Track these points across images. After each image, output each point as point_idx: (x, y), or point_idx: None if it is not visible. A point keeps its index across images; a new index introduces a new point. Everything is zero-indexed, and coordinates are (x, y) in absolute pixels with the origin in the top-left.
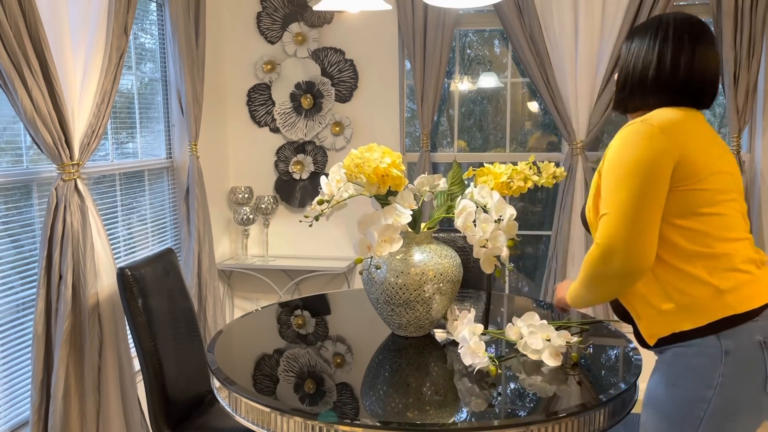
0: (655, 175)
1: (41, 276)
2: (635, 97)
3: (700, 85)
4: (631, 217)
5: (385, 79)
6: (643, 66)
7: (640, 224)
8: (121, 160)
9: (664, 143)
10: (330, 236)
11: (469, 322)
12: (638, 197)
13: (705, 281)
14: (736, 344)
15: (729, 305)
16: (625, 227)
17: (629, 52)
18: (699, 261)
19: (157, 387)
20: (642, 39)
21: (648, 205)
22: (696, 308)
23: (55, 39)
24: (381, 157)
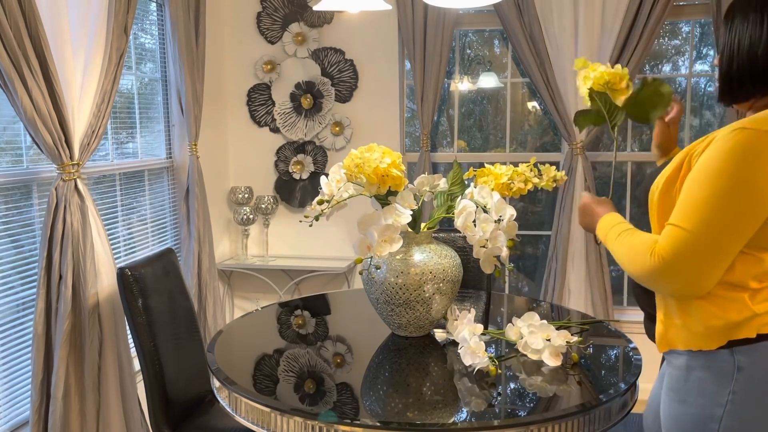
0: (756, 198)
1: (41, 276)
2: (744, 84)
3: None
4: (711, 244)
5: (385, 79)
6: (751, 44)
7: (717, 256)
8: (121, 160)
9: None
10: (330, 236)
11: (469, 322)
12: (728, 226)
13: (745, 305)
14: (750, 361)
15: (755, 327)
16: (700, 254)
17: (732, 31)
18: (745, 293)
19: (157, 387)
20: (746, 13)
21: (735, 238)
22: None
23: (55, 39)
24: (381, 157)
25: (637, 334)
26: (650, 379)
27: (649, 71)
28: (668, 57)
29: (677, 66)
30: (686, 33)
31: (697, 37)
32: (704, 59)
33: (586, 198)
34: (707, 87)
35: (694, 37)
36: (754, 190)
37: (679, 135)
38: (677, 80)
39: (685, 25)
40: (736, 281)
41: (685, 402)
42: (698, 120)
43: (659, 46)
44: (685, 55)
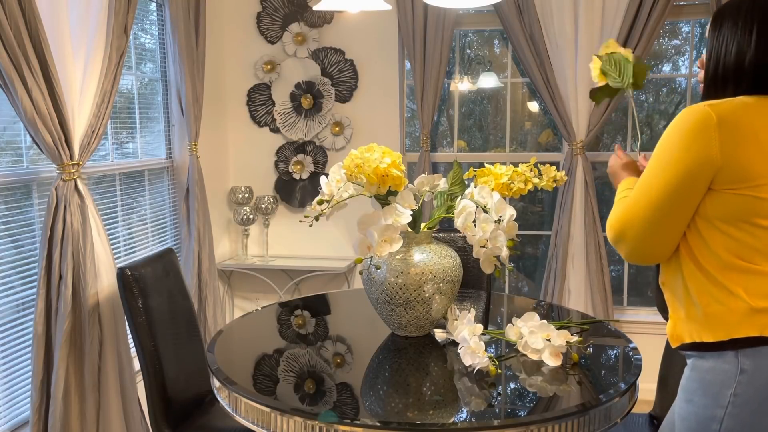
0: (690, 174)
1: (41, 276)
2: (728, 86)
3: None
4: (651, 213)
5: (385, 79)
6: (739, 51)
7: (658, 223)
8: (121, 160)
9: (713, 138)
10: (330, 236)
11: (469, 322)
12: (666, 194)
13: (739, 296)
14: (754, 364)
15: (758, 326)
16: (641, 223)
17: (719, 36)
18: (738, 276)
19: (157, 387)
20: (734, 19)
21: (673, 205)
22: (723, 322)
23: (55, 39)
24: (381, 157)
25: (637, 334)
26: (650, 379)
27: (648, 71)
28: (668, 57)
29: (677, 66)
30: (686, 33)
31: (697, 37)
32: None
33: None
34: None
35: (694, 37)
36: (680, 160)
37: None
38: (677, 80)
39: (685, 25)
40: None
41: (692, 401)
42: None
43: (659, 46)
44: (685, 55)
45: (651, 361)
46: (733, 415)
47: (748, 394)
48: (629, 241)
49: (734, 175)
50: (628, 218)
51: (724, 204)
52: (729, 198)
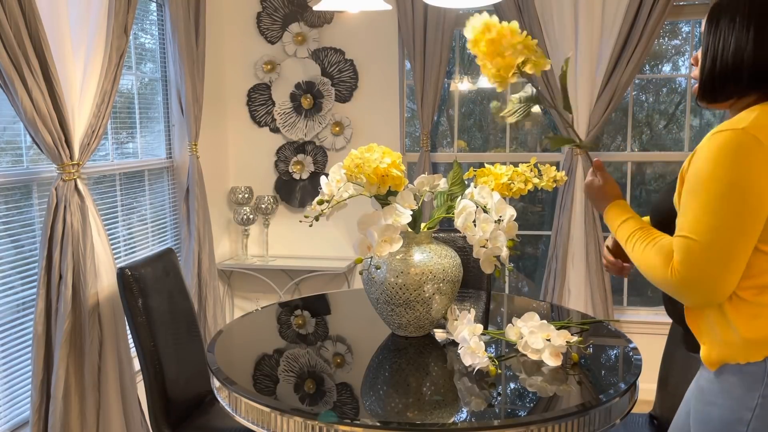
0: (755, 199)
1: (41, 276)
2: (727, 86)
3: None
4: (720, 249)
5: (385, 79)
6: (736, 48)
7: (731, 258)
8: (121, 160)
9: (764, 158)
10: (330, 236)
11: (469, 322)
12: (733, 226)
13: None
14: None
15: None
16: (713, 262)
17: (717, 32)
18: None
19: (157, 387)
20: (733, 16)
21: (743, 235)
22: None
23: (55, 39)
24: (381, 157)
25: (637, 334)
26: (650, 379)
27: (649, 71)
28: (668, 57)
29: (677, 66)
30: (686, 33)
31: (697, 37)
32: None
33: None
34: None
35: (694, 37)
36: (747, 187)
37: (680, 135)
38: (677, 80)
39: (685, 25)
40: (763, 283)
41: (715, 404)
42: (698, 120)
43: (659, 46)
44: (685, 55)
45: (651, 361)
46: (760, 417)
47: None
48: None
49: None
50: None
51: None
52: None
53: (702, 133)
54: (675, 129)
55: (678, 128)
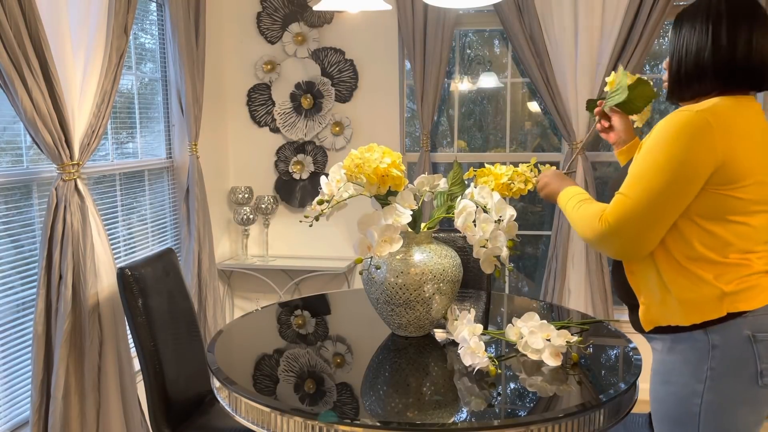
0: (688, 177)
1: (41, 276)
2: (692, 84)
3: (760, 66)
4: (649, 209)
5: (385, 79)
6: (698, 49)
7: (653, 221)
8: (121, 160)
9: (714, 142)
10: (330, 236)
11: (469, 322)
12: (662, 194)
13: (710, 283)
14: (723, 338)
15: (726, 306)
16: (638, 220)
17: (680, 37)
18: (708, 266)
19: (157, 387)
20: (693, 21)
21: (669, 205)
22: (696, 307)
23: (55, 39)
24: (381, 157)
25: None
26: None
27: (649, 71)
28: None
29: None
30: None
31: None
32: None
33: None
34: None
35: None
36: (685, 162)
37: None
38: None
39: None
40: (697, 255)
41: (669, 382)
42: None
43: (659, 46)
44: None
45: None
46: (711, 388)
47: (722, 367)
48: (626, 235)
49: (726, 176)
50: (627, 213)
51: (708, 202)
52: (712, 197)
53: None
54: None
55: None
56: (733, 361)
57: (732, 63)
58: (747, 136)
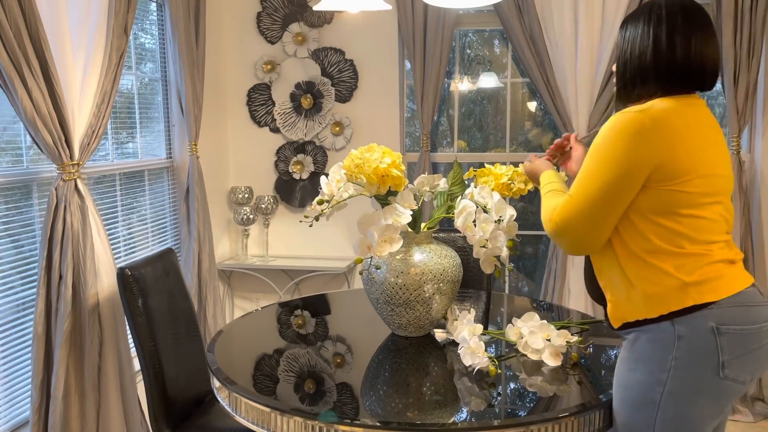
0: (626, 177)
1: (41, 276)
2: (636, 85)
3: (699, 67)
4: (591, 209)
5: (385, 79)
6: (640, 52)
7: (598, 218)
8: (121, 160)
9: (650, 143)
10: (330, 236)
11: (468, 322)
12: (606, 193)
13: (671, 274)
14: (688, 330)
15: (691, 296)
16: (583, 218)
17: (624, 41)
18: (668, 258)
19: (157, 387)
20: (636, 25)
21: (612, 203)
22: (660, 298)
23: (55, 39)
24: (381, 157)
25: None
26: None
27: None
28: None
29: None
30: None
31: None
32: None
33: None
34: None
35: None
36: (625, 162)
37: None
38: None
39: None
40: (655, 248)
41: (635, 369)
42: None
43: None
44: None
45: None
46: (675, 377)
47: (687, 357)
48: (572, 234)
49: (666, 173)
50: (571, 214)
51: (656, 199)
52: (660, 193)
53: None
54: None
55: None
56: (697, 352)
57: (672, 65)
58: (686, 134)
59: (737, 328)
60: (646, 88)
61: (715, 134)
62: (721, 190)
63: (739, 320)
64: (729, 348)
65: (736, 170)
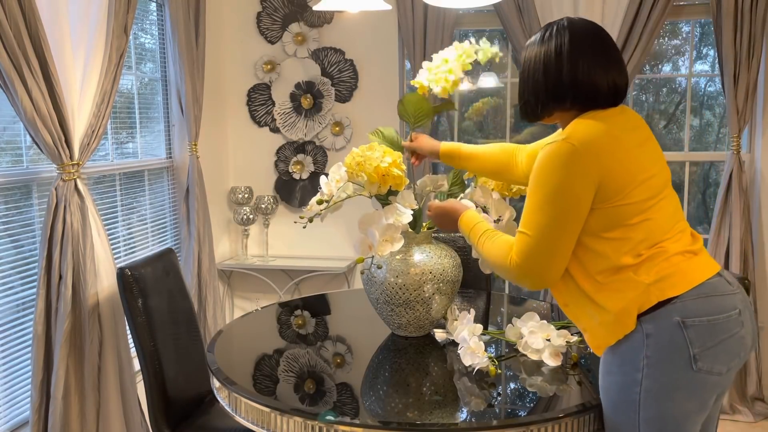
0: (574, 201)
1: (41, 276)
2: (535, 104)
3: (591, 88)
4: (547, 243)
5: (385, 79)
6: (534, 71)
7: (556, 249)
8: (121, 160)
9: (584, 167)
10: (330, 236)
11: (468, 322)
12: (557, 223)
13: (633, 280)
14: (655, 327)
15: (654, 294)
16: (542, 253)
17: (524, 60)
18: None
19: (157, 387)
20: (533, 46)
21: (565, 231)
22: (629, 310)
23: (55, 39)
24: (382, 156)
25: None
26: None
27: (649, 71)
28: (668, 57)
29: (677, 66)
30: (686, 33)
31: (697, 37)
32: (704, 59)
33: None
34: (707, 87)
35: (694, 37)
36: (567, 190)
37: (680, 135)
38: (677, 80)
39: (685, 25)
40: (613, 264)
41: (611, 372)
42: (698, 120)
43: (659, 46)
44: (685, 55)
45: None
46: (649, 376)
47: (657, 354)
48: (536, 270)
49: (608, 193)
50: (532, 250)
51: (604, 218)
52: (606, 212)
53: (702, 133)
54: (675, 129)
55: (678, 128)
56: (666, 347)
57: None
58: (615, 147)
59: (703, 319)
60: (545, 109)
61: (639, 134)
62: (662, 186)
63: (704, 311)
64: (698, 340)
65: (736, 170)
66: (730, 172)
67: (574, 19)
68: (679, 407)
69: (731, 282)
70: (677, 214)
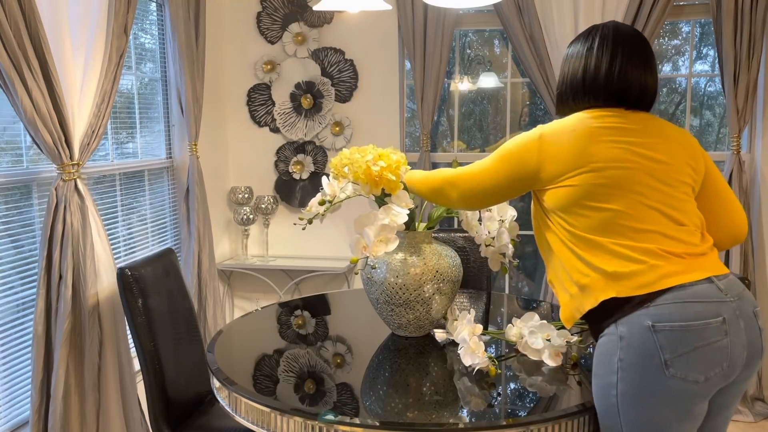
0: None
1: (41, 276)
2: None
3: (623, 87)
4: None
5: (385, 79)
6: (574, 70)
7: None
8: (121, 160)
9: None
10: (330, 236)
11: (468, 322)
12: (496, 171)
13: (594, 265)
14: (628, 330)
15: (613, 288)
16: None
17: (564, 60)
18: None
19: (157, 387)
20: (575, 46)
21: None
22: (591, 288)
23: (55, 39)
24: (374, 160)
25: None
26: None
27: None
28: (668, 57)
29: (677, 66)
30: (686, 33)
31: (697, 37)
32: (704, 59)
33: None
34: (707, 87)
35: (694, 37)
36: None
37: None
38: (677, 80)
39: (685, 25)
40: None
41: (595, 374)
42: (698, 120)
43: (659, 46)
44: (685, 55)
45: None
46: (623, 379)
47: (629, 358)
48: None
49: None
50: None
51: (554, 198)
52: (557, 192)
53: (703, 132)
54: None
55: None
56: (638, 351)
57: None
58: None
59: (675, 325)
60: (577, 104)
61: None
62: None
63: (676, 317)
64: (669, 346)
65: (736, 170)
66: (730, 172)
67: (619, 23)
68: (656, 413)
69: (724, 289)
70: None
